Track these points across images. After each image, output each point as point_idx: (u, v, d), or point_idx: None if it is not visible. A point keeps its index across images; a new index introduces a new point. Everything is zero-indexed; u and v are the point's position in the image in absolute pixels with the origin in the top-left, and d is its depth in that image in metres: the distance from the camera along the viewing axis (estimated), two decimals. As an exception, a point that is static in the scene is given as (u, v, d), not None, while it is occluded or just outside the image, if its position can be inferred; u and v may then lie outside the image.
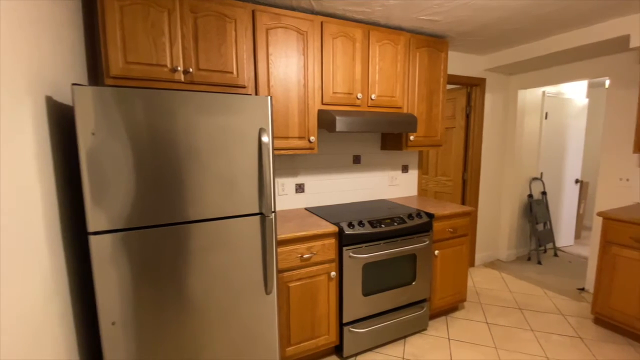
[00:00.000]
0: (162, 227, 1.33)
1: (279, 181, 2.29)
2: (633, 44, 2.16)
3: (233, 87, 1.80)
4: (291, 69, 1.94)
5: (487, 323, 2.39)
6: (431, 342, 2.16)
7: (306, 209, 2.35)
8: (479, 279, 3.16)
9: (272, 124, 1.47)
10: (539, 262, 3.55)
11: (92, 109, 1.16)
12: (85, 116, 1.15)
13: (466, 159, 3.43)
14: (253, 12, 1.80)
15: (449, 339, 2.20)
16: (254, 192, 1.46)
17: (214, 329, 1.46)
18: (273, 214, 1.47)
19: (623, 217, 2.13)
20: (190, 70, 1.66)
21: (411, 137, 2.42)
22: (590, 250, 2.84)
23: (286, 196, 2.33)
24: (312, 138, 2.02)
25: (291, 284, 1.77)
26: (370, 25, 2.21)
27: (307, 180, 2.41)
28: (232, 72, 1.78)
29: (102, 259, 1.24)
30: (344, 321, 1.94)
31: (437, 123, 2.54)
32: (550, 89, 3.68)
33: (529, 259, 3.67)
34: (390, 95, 2.29)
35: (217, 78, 1.75)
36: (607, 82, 2.72)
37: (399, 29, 2.38)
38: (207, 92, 1.70)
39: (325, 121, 1.98)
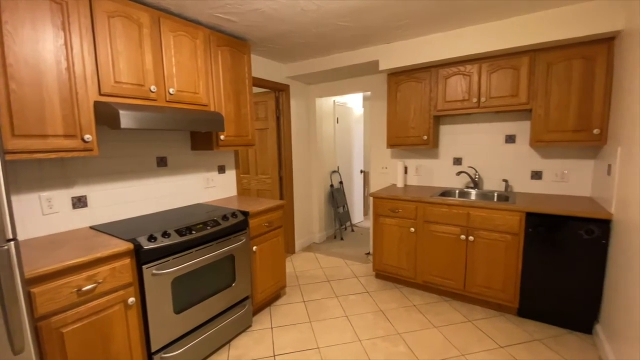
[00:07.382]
0: None
1: (42, 196, 1.70)
2: (381, 67, 2.93)
3: None
4: (45, 46, 1.46)
5: (304, 302, 2.68)
6: (255, 337, 2.21)
7: (92, 227, 1.87)
8: (298, 263, 3.52)
9: (-2, 116, 1.04)
10: (342, 238, 4.35)
11: None
12: None
13: (280, 157, 3.73)
14: (-44, -49, 1.23)
15: (271, 328, 2.32)
16: (-31, 216, 0.99)
17: None
18: (11, 242, 1.04)
19: (384, 195, 2.88)
20: None
21: (222, 137, 2.37)
22: (370, 222, 3.71)
23: (57, 215, 1.76)
24: (88, 137, 1.61)
25: (66, 329, 1.34)
26: (161, 11, 1.97)
27: (92, 191, 1.92)
28: None
29: None
30: (153, 349, 1.67)
31: (247, 123, 2.61)
32: (338, 99, 4.53)
33: (335, 237, 4.43)
34: (193, 91, 2.15)
35: None
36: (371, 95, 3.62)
37: (196, 22, 2.25)
38: None
39: (106, 115, 1.62)
